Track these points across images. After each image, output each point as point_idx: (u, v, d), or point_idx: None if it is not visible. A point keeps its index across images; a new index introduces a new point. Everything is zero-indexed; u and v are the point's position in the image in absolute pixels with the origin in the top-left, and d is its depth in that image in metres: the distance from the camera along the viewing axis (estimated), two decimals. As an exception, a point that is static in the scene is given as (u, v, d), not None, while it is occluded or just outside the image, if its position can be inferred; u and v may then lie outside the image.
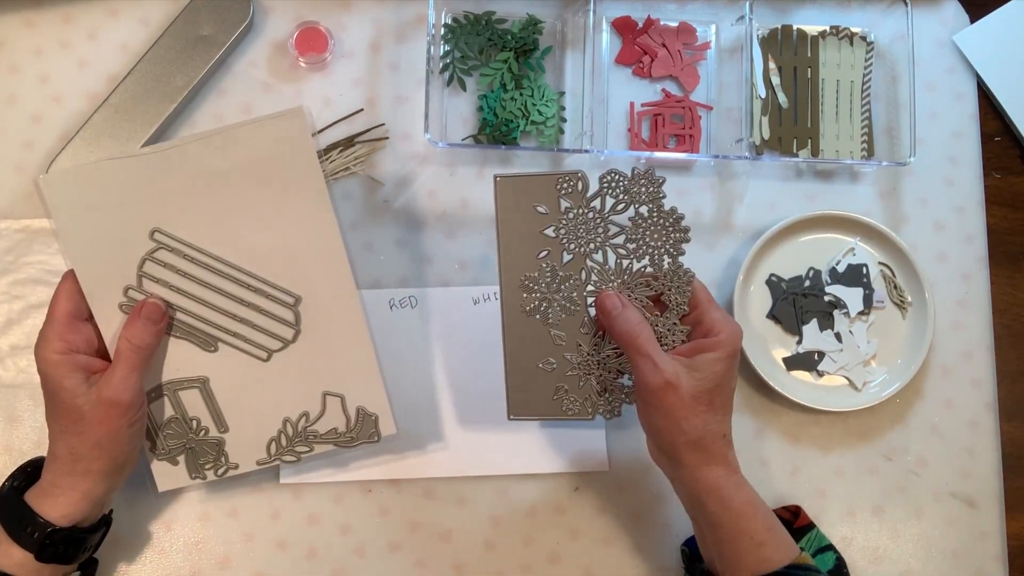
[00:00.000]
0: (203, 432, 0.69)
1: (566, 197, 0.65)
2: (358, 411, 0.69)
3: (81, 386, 0.63)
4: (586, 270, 0.66)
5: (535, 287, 0.66)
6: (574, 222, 0.65)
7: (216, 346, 0.68)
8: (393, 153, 0.82)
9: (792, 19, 0.85)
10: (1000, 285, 0.84)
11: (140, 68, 0.79)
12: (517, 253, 0.66)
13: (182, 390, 0.69)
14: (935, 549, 0.79)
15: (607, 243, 0.66)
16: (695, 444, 0.62)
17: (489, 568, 0.77)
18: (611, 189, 0.65)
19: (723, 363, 0.62)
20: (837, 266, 0.81)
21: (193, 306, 0.68)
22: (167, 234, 0.66)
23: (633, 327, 0.63)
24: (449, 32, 0.82)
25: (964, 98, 0.86)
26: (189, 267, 0.67)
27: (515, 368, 0.67)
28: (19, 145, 0.79)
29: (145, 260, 0.66)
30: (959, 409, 0.81)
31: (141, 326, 0.65)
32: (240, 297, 0.67)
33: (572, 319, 0.66)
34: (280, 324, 0.68)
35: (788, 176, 0.84)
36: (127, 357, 0.64)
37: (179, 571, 0.75)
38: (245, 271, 0.67)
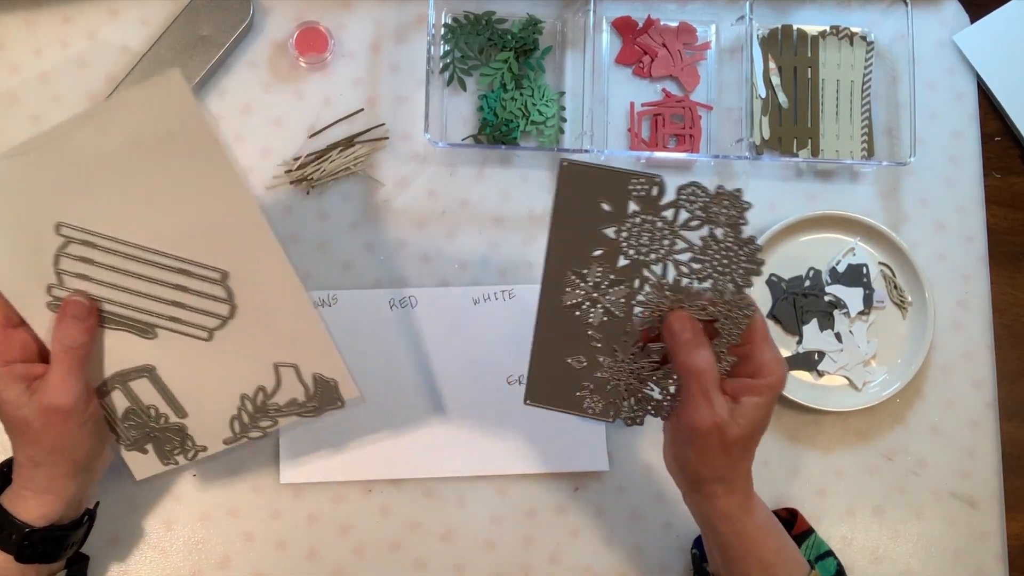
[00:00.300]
0: (162, 419, 0.67)
1: (636, 200, 0.59)
2: (315, 378, 0.66)
3: (22, 396, 0.61)
4: (640, 279, 0.61)
5: (582, 284, 0.61)
6: (640, 227, 0.60)
7: (154, 332, 0.65)
8: (393, 153, 0.82)
9: (792, 19, 0.85)
10: (1000, 285, 0.84)
11: (140, 68, 0.79)
12: (569, 245, 0.60)
13: (131, 381, 0.66)
14: (935, 549, 0.79)
15: (670, 256, 0.60)
16: (721, 479, 0.61)
17: (489, 568, 0.77)
18: (689, 203, 0.59)
19: (766, 409, 0.60)
20: (837, 266, 0.81)
21: (120, 296, 0.64)
22: (72, 227, 0.62)
23: (703, 364, 0.59)
24: (449, 32, 0.82)
25: (964, 98, 0.86)
26: (104, 257, 0.63)
27: (542, 356, 0.62)
28: (19, 145, 0.79)
29: (58, 256, 0.63)
30: (959, 409, 0.81)
31: (69, 325, 0.62)
32: (164, 280, 0.64)
33: (613, 325, 0.61)
34: (213, 301, 0.65)
35: (788, 176, 0.84)
36: (61, 359, 0.62)
37: (179, 571, 0.75)
38: (162, 253, 0.63)
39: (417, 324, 0.78)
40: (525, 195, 0.82)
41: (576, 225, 0.60)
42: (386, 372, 0.77)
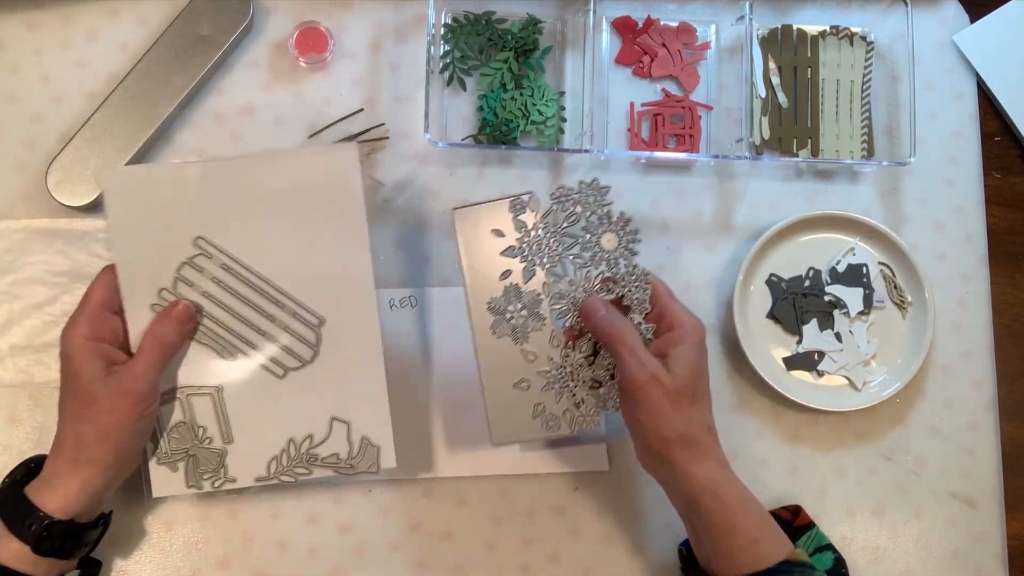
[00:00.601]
0: (207, 441, 0.69)
1: (521, 218, 0.68)
2: (362, 440, 0.70)
3: (100, 372, 0.63)
4: (548, 284, 0.68)
5: (502, 309, 0.68)
6: (531, 241, 0.68)
7: (236, 356, 0.69)
8: (393, 153, 0.82)
9: (792, 19, 0.85)
10: (1000, 285, 0.84)
11: (140, 68, 0.79)
12: (481, 279, 0.68)
13: (195, 395, 0.69)
14: (935, 549, 0.79)
15: (564, 255, 0.68)
16: (683, 438, 0.62)
17: (489, 568, 0.77)
18: (562, 204, 0.68)
19: (695, 352, 0.64)
20: (837, 266, 0.81)
21: (221, 314, 0.69)
22: (209, 242, 0.68)
23: (616, 325, 0.65)
24: (449, 32, 0.82)
25: (964, 98, 0.86)
26: (224, 276, 0.68)
27: (493, 393, 0.69)
28: (19, 145, 0.79)
29: (184, 264, 0.68)
30: (959, 409, 0.81)
31: (169, 324, 0.66)
32: (267, 311, 0.69)
33: (540, 334, 0.68)
34: (301, 343, 0.69)
35: (788, 176, 0.84)
36: (150, 351, 0.65)
37: (179, 571, 0.75)
38: (276, 287, 0.69)
39: (417, 324, 0.78)
40: (525, 195, 0.82)
41: (481, 259, 0.68)
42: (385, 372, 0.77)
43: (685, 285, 0.81)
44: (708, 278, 0.82)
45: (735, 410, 0.80)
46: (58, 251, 0.78)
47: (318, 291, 0.69)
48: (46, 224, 0.78)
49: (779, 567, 0.61)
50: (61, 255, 0.78)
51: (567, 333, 0.68)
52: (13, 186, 0.79)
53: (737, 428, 0.80)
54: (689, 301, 0.80)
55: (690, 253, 0.82)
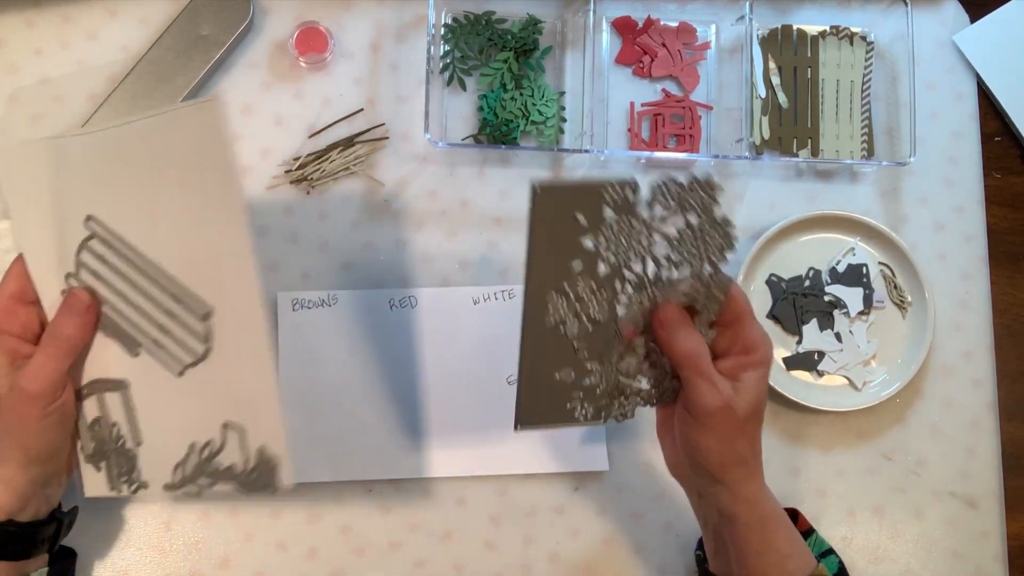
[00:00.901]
0: (121, 441, 0.65)
1: (612, 206, 0.60)
2: (259, 452, 0.62)
3: (3, 368, 0.61)
4: (621, 281, 0.61)
5: (564, 301, 0.61)
6: (617, 232, 0.60)
7: (138, 350, 0.64)
8: (393, 153, 0.82)
9: (792, 19, 0.85)
10: (1000, 285, 0.84)
11: (140, 68, 0.79)
12: (548, 265, 0.60)
13: (107, 391, 0.64)
14: (935, 549, 0.79)
15: (648, 253, 0.61)
16: (742, 464, 0.61)
17: (489, 568, 0.77)
18: (663, 198, 0.60)
19: (764, 382, 0.61)
20: (837, 266, 0.81)
21: (120, 303, 0.63)
22: (99, 222, 0.62)
23: (695, 347, 0.60)
24: (449, 32, 0.82)
25: (964, 98, 0.86)
26: (118, 261, 0.62)
27: (531, 381, 0.62)
28: (19, 145, 0.79)
29: (81, 247, 0.63)
30: (959, 409, 0.81)
31: (64, 315, 0.62)
32: (159, 301, 0.62)
33: (598, 330, 0.62)
34: (192, 337, 0.62)
35: (788, 176, 0.84)
36: (45, 346, 0.61)
37: (179, 571, 0.75)
38: (164, 272, 0.62)
39: (417, 324, 0.78)
40: (525, 195, 0.80)
41: (554, 244, 0.60)
42: (386, 372, 0.77)
43: (685, 285, 0.81)
44: (708, 278, 0.82)
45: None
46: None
47: (203, 276, 0.61)
48: (46, 224, 0.78)
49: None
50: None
51: (627, 331, 0.62)
52: (13, 186, 0.79)
53: (737, 428, 0.80)
54: (689, 301, 0.81)
55: (690, 253, 0.82)
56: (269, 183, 0.80)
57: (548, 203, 0.59)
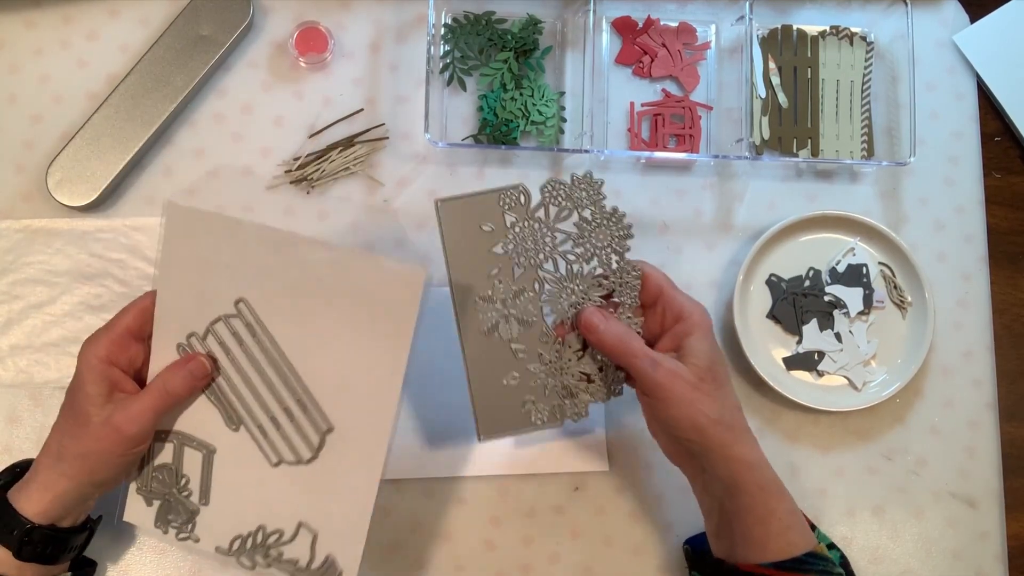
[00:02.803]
0: (186, 493, 0.68)
1: (510, 212, 0.65)
2: (327, 558, 0.67)
3: (100, 396, 0.63)
4: (538, 280, 0.66)
5: (490, 306, 0.66)
6: (521, 235, 0.65)
7: (239, 427, 0.67)
8: (393, 153, 0.82)
9: (792, 19, 0.85)
10: (1000, 285, 0.84)
11: (140, 68, 0.79)
12: (468, 274, 0.65)
13: (189, 447, 0.68)
14: (935, 549, 0.79)
15: (555, 251, 0.66)
16: (719, 423, 0.62)
17: (489, 568, 0.77)
18: (553, 198, 0.65)
19: (707, 341, 0.64)
20: (837, 266, 0.81)
21: (238, 381, 0.67)
22: (249, 308, 0.66)
23: (622, 336, 0.64)
24: (449, 32, 0.82)
25: (964, 98, 0.86)
26: (252, 346, 0.66)
27: (480, 389, 0.66)
28: (19, 145, 0.79)
29: (219, 319, 0.66)
30: (959, 409, 0.81)
31: (182, 375, 0.65)
32: (282, 398, 0.66)
33: (531, 331, 0.66)
34: (303, 442, 0.66)
35: (788, 176, 0.84)
36: (153, 395, 0.64)
37: (179, 571, 0.75)
38: (298, 377, 0.66)
39: (417, 324, 0.78)
40: (525, 195, 0.82)
41: (468, 254, 0.65)
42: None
43: (685, 285, 0.81)
44: (708, 278, 0.82)
45: (735, 410, 0.80)
46: (58, 251, 0.78)
47: (337, 397, 0.66)
48: (46, 224, 0.78)
49: (805, 558, 0.61)
50: (61, 255, 0.78)
51: (557, 329, 0.67)
52: (13, 186, 0.79)
53: (737, 428, 0.80)
54: (689, 301, 0.81)
55: (690, 253, 0.82)
56: (269, 183, 0.80)
57: (452, 216, 0.64)
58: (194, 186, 0.80)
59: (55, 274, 0.78)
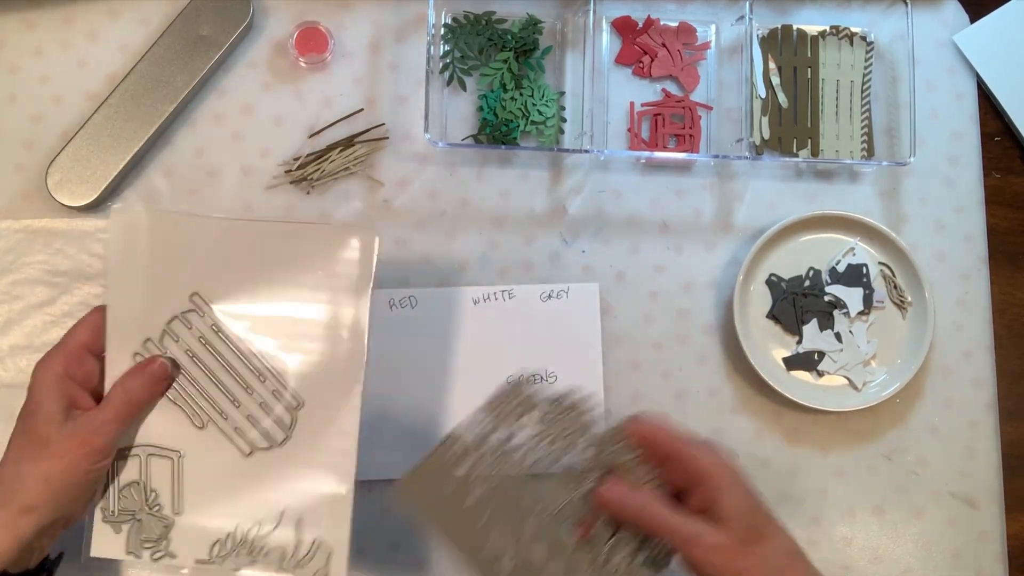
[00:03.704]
0: (157, 508, 0.64)
1: (460, 462, 0.61)
2: (314, 542, 0.64)
3: (60, 414, 0.60)
4: (534, 497, 0.61)
5: (503, 554, 0.60)
6: (487, 471, 0.62)
7: (206, 424, 0.65)
8: (393, 153, 0.82)
9: (792, 19, 0.85)
10: (1000, 285, 0.84)
11: (140, 68, 0.79)
12: (468, 536, 0.61)
13: (155, 456, 0.65)
14: (935, 549, 0.79)
15: (533, 461, 0.62)
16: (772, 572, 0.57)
17: (489, 568, 0.77)
18: (493, 422, 0.62)
19: (737, 493, 0.58)
20: (837, 266, 0.81)
21: (200, 376, 0.65)
22: (204, 300, 0.65)
23: (644, 503, 0.59)
24: (449, 32, 0.82)
25: (964, 98, 0.86)
26: (212, 338, 0.65)
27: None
28: (19, 145, 0.79)
29: (175, 318, 0.65)
30: (959, 409, 0.81)
31: (142, 380, 0.63)
32: (247, 383, 0.65)
33: (557, 550, 0.61)
34: (275, 424, 0.64)
35: (788, 176, 0.84)
36: (116, 404, 0.62)
37: (179, 571, 0.75)
38: (262, 359, 0.65)
39: (417, 324, 0.78)
40: (525, 195, 0.82)
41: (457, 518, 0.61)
42: (386, 372, 0.76)
43: (685, 285, 0.81)
44: (708, 278, 0.82)
45: (735, 411, 0.80)
46: (58, 251, 0.78)
47: (303, 371, 0.64)
48: (46, 224, 0.78)
49: None
50: (61, 255, 0.78)
51: (579, 532, 0.61)
52: (13, 186, 0.79)
53: (737, 428, 0.80)
54: (689, 301, 0.81)
55: (690, 253, 0.82)
56: (269, 183, 0.80)
57: (416, 489, 0.61)
58: (194, 186, 0.80)
59: (55, 274, 0.78)
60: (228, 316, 0.65)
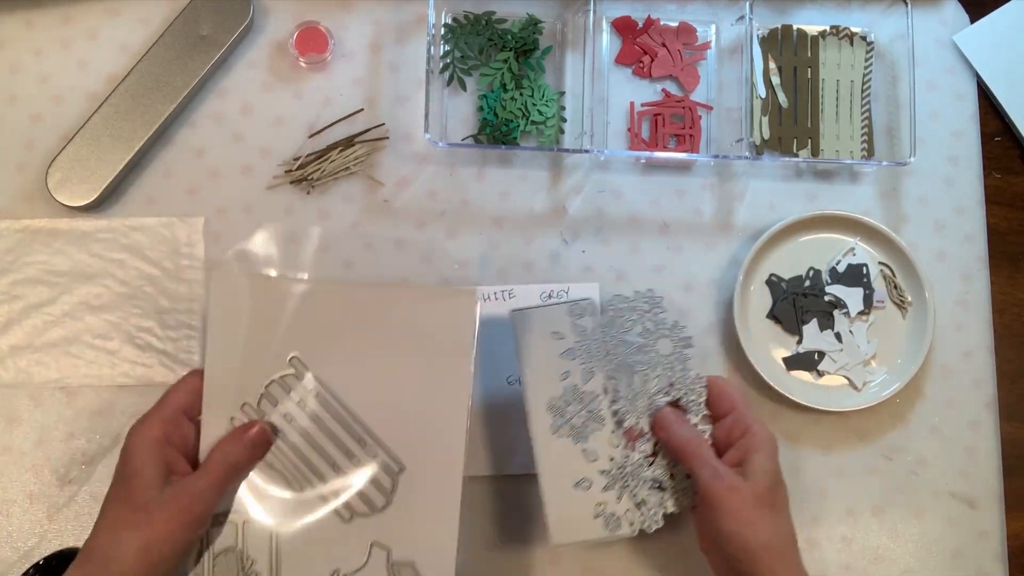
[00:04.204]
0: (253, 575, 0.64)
1: (579, 322, 0.69)
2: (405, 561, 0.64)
3: (158, 479, 0.59)
4: (607, 386, 0.69)
5: (561, 409, 0.68)
6: (589, 343, 0.69)
7: (305, 489, 0.64)
8: (393, 153, 0.82)
9: (792, 19, 0.85)
10: (1000, 285, 0.84)
11: (140, 68, 0.79)
12: (541, 378, 0.68)
13: (251, 524, 0.64)
14: (935, 549, 0.79)
15: (624, 359, 0.69)
16: (768, 548, 0.60)
17: (489, 568, 0.77)
18: (617, 310, 0.70)
19: (772, 462, 0.64)
20: (837, 266, 0.81)
21: (299, 441, 0.65)
22: (304, 364, 0.65)
23: (688, 438, 0.65)
24: (449, 32, 0.82)
25: (964, 98, 0.86)
26: (311, 402, 0.65)
27: (552, 492, 0.67)
28: (19, 145, 0.79)
29: (273, 382, 0.65)
30: (959, 409, 0.81)
31: (241, 446, 0.63)
32: (348, 448, 0.65)
33: (600, 434, 0.68)
34: (375, 489, 0.65)
35: (788, 176, 0.84)
36: (215, 470, 0.62)
37: (179, 571, 0.75)
38: (362, 424, 0.65)
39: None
40: (525, 195, 0.82)
41: (541, 359, 0.68)
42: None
43: (685, 285, 0.81)
44: (708, 278, 0.82)
45: (735, 410, 0.80)
46: (58, 251, 0.78)
47: (405, 436, 0.65)
48: (46, 224, 0.78)
49: None
50: (61, 255, 0.78)
51: (627, 433, 0.68)
52: (13, 186, 0.79)
53: (737, 428, 0.80)
54: (689, 301, 0.81)
55: (690, 253, 0.82)
56: (269, 183, 0.80)
57: (525, 324, 0.68)
58: (194, 186, 0.80)
59: (55, 274, 0.78)
60: (328, 380, 0.65)
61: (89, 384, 0.77)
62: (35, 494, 0.75)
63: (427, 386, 0.64)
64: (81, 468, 0.76)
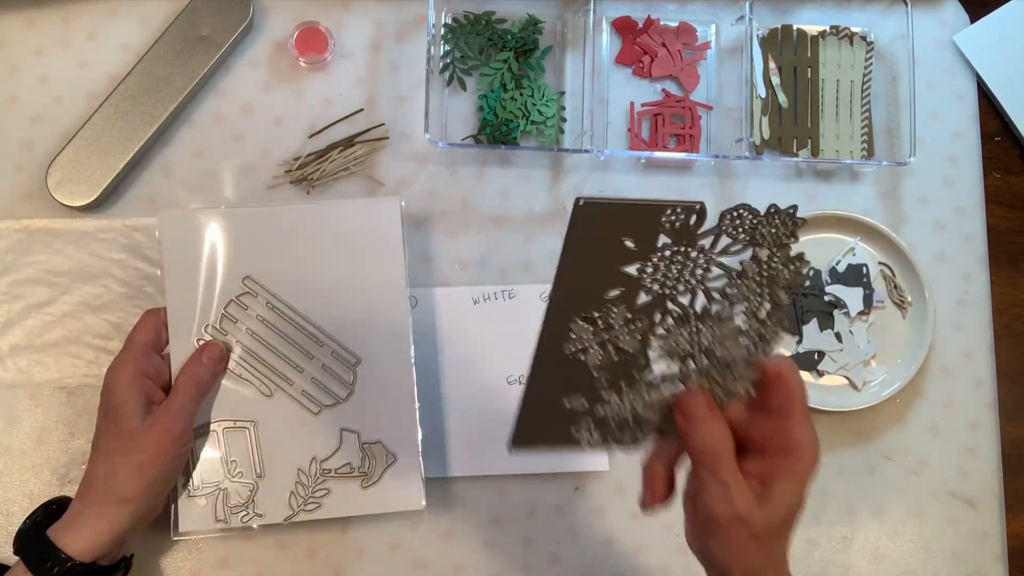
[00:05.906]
0: (239, 475, 0.71)
1: (670, 231, 0.51)
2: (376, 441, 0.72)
3: (140, 409, 0.66)
4: (663, 313, 0.53)
5: (588, 328, 0.53)
6: (669, 260, 0.52)
7: (274, 392, 0.72)
8: (393, 153, 0.82)
9: (792, 19, 0.85)
10: (1000, 285, 0.84)
11: (140, 68, 0.79)
12: (579, 289, 0.52)
13: (231, 429, 0.72)
14: (935, 549, 0.79)
15: (701, 285, 0.53)
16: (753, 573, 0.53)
17: (489, 568, 0.77)
18: (733, 228, 0.53)
19: (799, 490, 0.53)
20: (837, 266, 0.81)
21: (263, 351, 0.72)
22: (256, 282, 0.72)
23: (714, 445, 0.52)
24: (449, 32, 0.82)
25: (964, 98, 0.86)
26: (268, 314, 0.72)
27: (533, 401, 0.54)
28: (19, 145, 0.79)
29: (231, 302, 0.72)
30: (959, 409, 0.81)
31: (202, 362, 0.70)
32: (307, 350, 0.72)
33: (623, 363, 0.53)
34: (337, 382, 0.72)
35: (788, 176, 0.84)
36: (185, 389, 0.68)
37: (179, 571, 0.75)
38: (317, 327, 0.72)
39: (417, 324, 0.78)
40: (525, 195, 0.82)
41: (589, 267, 0.52)
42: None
43: (685, 285, 0.81)
44: (708, 278, 0.82)
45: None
46: (58, 251, 0.78)
47: (356, 333, 0.73)
48: (46, 224, 0.78)
49: None
50: (61, 255, 0.78)
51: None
52: (13, 186, 0.79)
53: (737, 428, 0.80)
54: (689, 301, 0.81)
55: (690, 253, 0.82)
56: (269, 183, 0.80)
57: (591, 221, 0.50)
58: (194, 186, 0.80)
59: (55, 274, 0.78)
60: (280, 293, 0.72)
61: (89, 384, 0.77)
62: (35, 494, 0.75)
63: (368, 284, 0.73)
64: (81, 468, 0.75)
